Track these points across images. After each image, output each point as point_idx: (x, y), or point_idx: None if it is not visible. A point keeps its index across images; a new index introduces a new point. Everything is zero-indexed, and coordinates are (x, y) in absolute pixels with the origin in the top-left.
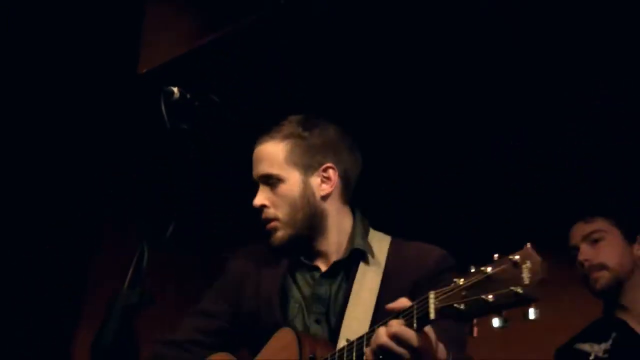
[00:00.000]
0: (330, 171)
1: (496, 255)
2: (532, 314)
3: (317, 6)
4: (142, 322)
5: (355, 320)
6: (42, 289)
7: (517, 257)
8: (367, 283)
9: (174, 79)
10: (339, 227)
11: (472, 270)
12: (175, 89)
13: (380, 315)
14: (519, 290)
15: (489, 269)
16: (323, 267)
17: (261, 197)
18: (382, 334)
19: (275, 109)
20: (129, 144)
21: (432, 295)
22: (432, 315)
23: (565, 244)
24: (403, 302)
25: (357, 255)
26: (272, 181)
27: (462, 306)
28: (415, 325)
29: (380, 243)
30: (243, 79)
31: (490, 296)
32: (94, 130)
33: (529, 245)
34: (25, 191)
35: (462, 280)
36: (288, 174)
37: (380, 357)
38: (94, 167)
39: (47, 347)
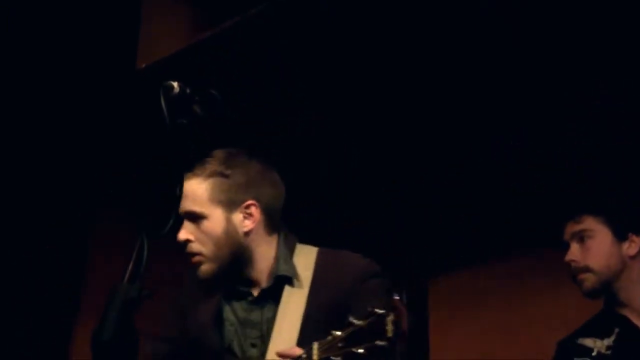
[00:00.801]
0: (253, 208)
1: (369, 308)
2: None
3: (319, 0)
4: (140, 316)
5: (282, 344)
6: (40, 285)
7: (383, 310)
8: (292, 305)
9: (173, 74)
10: (264, 257)
11: (349, 322)
12: (175, 84)
13: (307, 335)
14: (382, 343)
15: (360, 322)
16: (255, 294)
17: (185, 232)
18: None
19: (276, 104)
20: (128, 139)
21: (315, 345)
22: None
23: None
24: (294, 350)
25: (282, 280)
26: (195, 218)
27: (338, 358)
28: None
29: (306, 259)
30: (243, 74)
31: (361, 349)
32: (92, 125)
33: (396, 297)
34: (22, 187)
35: (339, 332)
36: (211, 212)
37: None
38: (91, 163)
39: (47, 343)
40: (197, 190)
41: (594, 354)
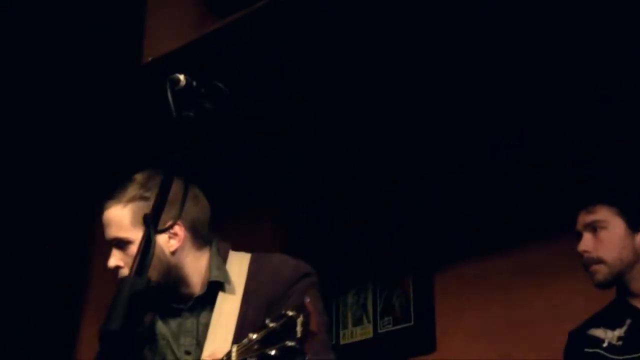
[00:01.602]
0: (176, 227)
1: (283, 311)
2: None
3: None
4: None
5: (216, 347)
6: (43, 285)
7: (294, 312)
8: (225, 310)
9: (178, 68)
10: (196, 271)
11: (264, 324)
12: (182, 77)
13: (242, 338)
14: (292, 344)
15: (273, 324)
16: (190, 304)
17: (114, 259)
18: None
19: (282, 97)
20: (133, 135)
21: (234, 348)
22: None
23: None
24: (215, 356)
25: (215, 287)
26: (122, 244)
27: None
28: None
29: (240, 265)
30: (249, 68)
31: (273, 351)
32: (96, 121)
33: (308, 300)
34: (23, 185)
35: (255, 335)
36: (136, 236)
37: None
38: (94, 159)
39: (51, 342)
40: (119, 216)
41: (604, 344)
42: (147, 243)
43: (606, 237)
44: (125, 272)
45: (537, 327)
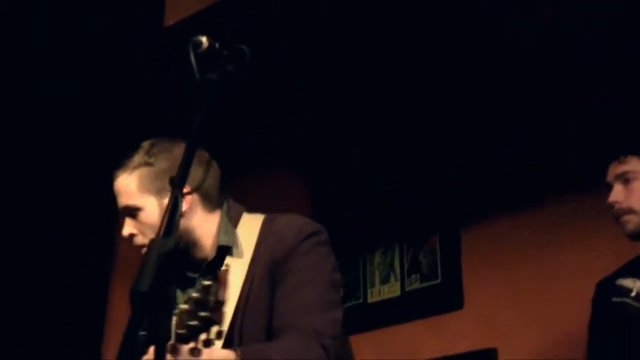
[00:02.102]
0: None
1: (203, 281)
2: (213, 333)
3: None
4: None
5: None
6: (67, 280)
7: (209, 282)
8: (232, 274)
9: (200, 31)
10: (207, 234)
11: (190, 296)
12: (204, 39)
13: (248, 300)
14: (204, 314)
15: (196, 295)
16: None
17: (127, 228)
18: None
19: (306, 57)
20: (156, 101)
21: (174, 321)
22: (172, 340)
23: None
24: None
25: (224, 251)
26: (132, 211)
27: (182, 330)
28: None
29: (251, 228)
30: (272, 28)
31: (195, 321)
32: (120, 87)
33: (224, 269)
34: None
35: (185, 305)
36: (144, 203)
37: None
38: (118, 127)
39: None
40: (126, 184)
41: (633, 294)
42: (174, 204)
43: (637, 188)
44: (139, 239)
45: (565, 283)
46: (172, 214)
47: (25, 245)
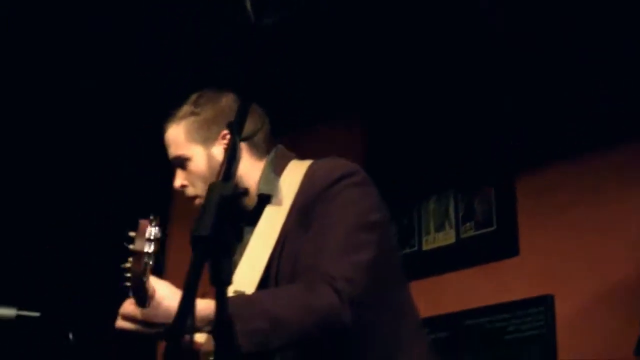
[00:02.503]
0: (229, 137)
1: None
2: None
3: None
4: None
5: (250, 261)
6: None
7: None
8: (269, 222)
9: None
10: (252, 183)
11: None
12: None
13: (283, 248)
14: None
15: (131, 246)
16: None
17: (178, 180)
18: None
19: (358, 9)
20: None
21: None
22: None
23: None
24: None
25: (264, 200)
26: (181, 162)
27: (128, 283)
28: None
29: (295, 175)
30: None
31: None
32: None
33: (150, 218)
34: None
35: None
36: (192, 152)
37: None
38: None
39: None
40: (174, 134)
41: None
42: (233, 150)
43: None
44: (189, 191)
45: (623, 227)
46: (231, 159)
47: (83, 197)
